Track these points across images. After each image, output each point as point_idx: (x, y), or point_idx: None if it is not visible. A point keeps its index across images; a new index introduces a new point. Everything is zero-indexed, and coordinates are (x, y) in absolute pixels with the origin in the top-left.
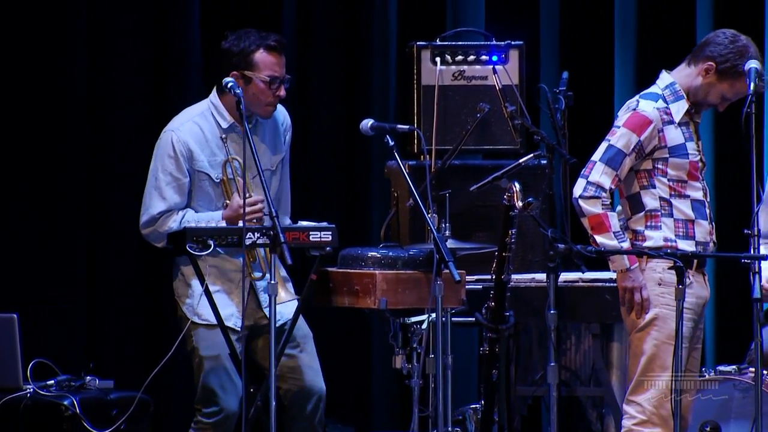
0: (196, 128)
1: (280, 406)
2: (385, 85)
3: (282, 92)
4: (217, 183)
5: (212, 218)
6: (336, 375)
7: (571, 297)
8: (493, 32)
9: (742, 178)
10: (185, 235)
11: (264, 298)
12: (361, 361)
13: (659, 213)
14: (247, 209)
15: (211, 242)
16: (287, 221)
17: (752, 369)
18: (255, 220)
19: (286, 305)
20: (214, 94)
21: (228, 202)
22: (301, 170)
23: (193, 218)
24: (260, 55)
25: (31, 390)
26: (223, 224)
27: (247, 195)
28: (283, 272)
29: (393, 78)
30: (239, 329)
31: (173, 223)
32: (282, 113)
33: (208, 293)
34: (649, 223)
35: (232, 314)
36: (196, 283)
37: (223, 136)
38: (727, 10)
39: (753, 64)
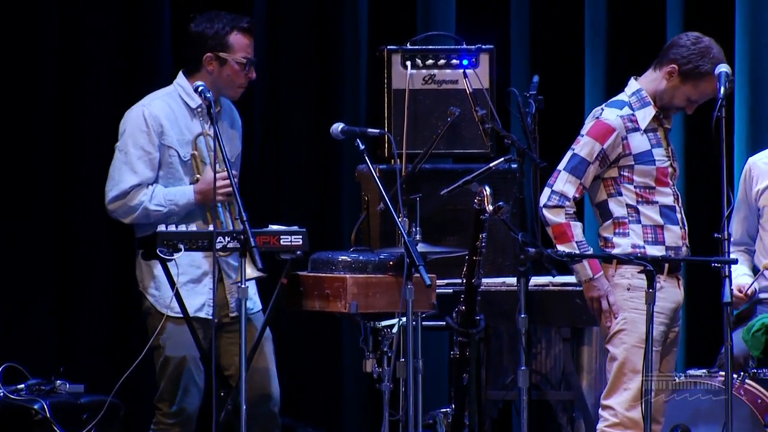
0: (165, 106)
1: (235, 407)
2: (355, 89)
3: (253, 74)
4: (185, 161)
5: (183, 193)
6: (307, 379)
7: (541, 301)
8: (463, 36)
9: (713, 182)
10: (156, 239)
11: (234, 276)
12: (332, 365)
13: (626, 220)
14: (220, 182)
15: (182, 246)
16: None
17: (723, 373)
18: (226, 195)
19: (253, 288)
20: (181, 77)
21: (199, 176)
22: (271, 174)
23: (162, 192)
24: (235, 37)
25: (1, 394)
26: (192, 198)
27: (220, 170)
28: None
29: (363, 82)
30: (211, 318)
31: (144, 197)
32: (238, 116)
33: (178, 296)
34: (617, 231)
35: (203, 304)
36: (161, 274)
37: (198, 110)
38: (697, 15)
39: (723, 68)
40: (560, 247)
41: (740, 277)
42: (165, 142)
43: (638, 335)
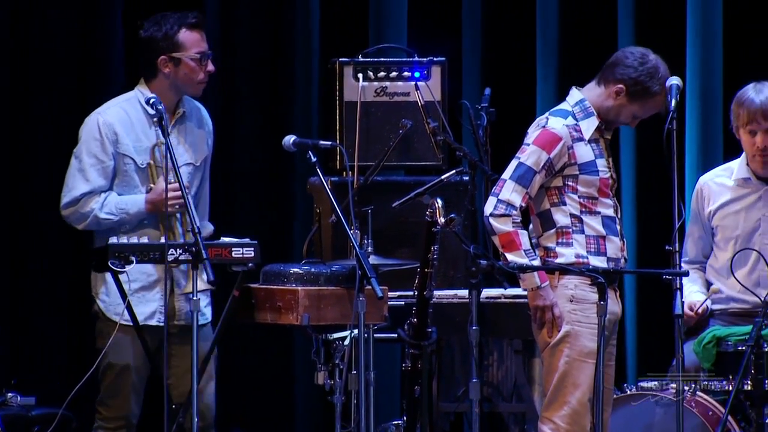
0: (122, 112)
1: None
2: (307, 101)
3: (211, 67)
4: (141, 168)
5: (135, 202)
6: (259, 391)
7: (493, 313)
8: (415, 49)
9: (664, 194)
10: (107, 251)
11: (183, 284)
12: (284, 378)
13: (570, 230)
14: (171, 194)
15: (134, 258)
16: (210, 227)
17: (674, 385)
18: (177, 206)
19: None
20: (141, 83)
21: (153, 186)
22: (223, 186)
23: (114, 201)
24: (184, 35)
25: None
26: (143, 207)
27: (172, 181)
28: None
29: (315, 94)
30: (163, 324)
31: (95, 204)
32: (207, 116)
33: (130, 308)
34: (560, 240)
35: (154, 312)
36: (113, 281)
37: (155, 119)
38: (648, 28)
39: (674, 80)
40: (508, 256)
41: (693, 294)
42: (120, 150)
43: (580, 348)
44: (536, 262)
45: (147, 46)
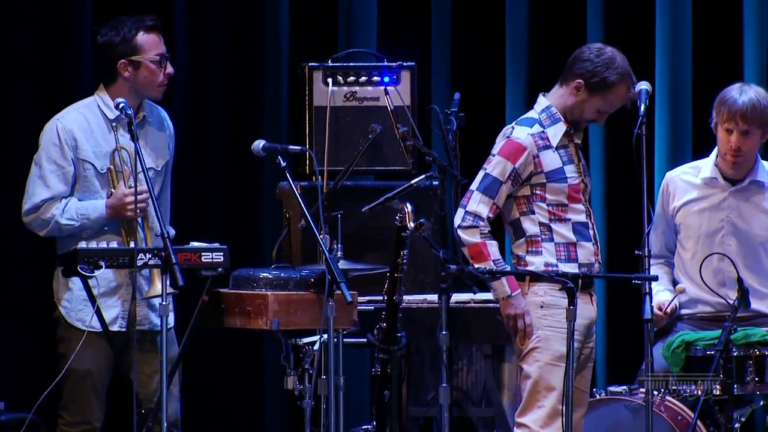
0: (81, 118)
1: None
2: (276, 106)
3: (170, 69)
4: (102, 173)
5: (95, 207)
6: (228, 396)
7: (462, 318)
8: (384, 53)
9: (633, 198)
10: (76, 256)
11: (146, 289)
12: (253, 382)
13: (539, 238)
14: (131, 198)
15: (103, 263)
16: (171, 231)
17: (643, 389)
18: (138, 211)
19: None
20: (100, 88)
21: (113, 191)
22: (192, 190)
23: (75, 206)
24: (142, 37)
25: None
26: (104, 213)
27: (132, 186)
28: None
29: (285, 99)
30: (125, 330)
31: (56, 210)
32: (168, 120)
33: (99, 313)
34: (530, 249)
35: (116, 317)
36: (76, 287)
37: (114, 124)
38: (617, 33)
39: (643, 85)
40: (477, 267)
41: (660, 293)
42: (79, 155)
43: (552, 353)
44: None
45: (105, 50)
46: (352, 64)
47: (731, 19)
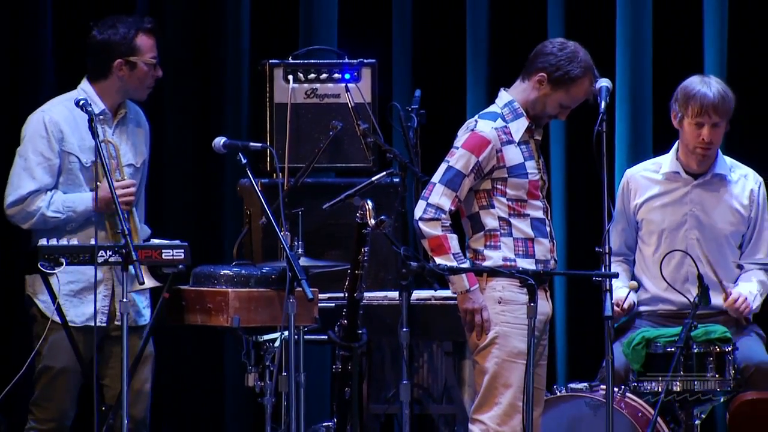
0: (66, 111)
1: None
2: (237, 103)
3: (160, 72)
4: (86, 167)
5: (82, 200)
6: (188, 393)
7: (423, 315)
8: (345, 50)
9: (594, 195)
10: (37, 253)
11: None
12: (214, 380)
13: (498, 233)
14: (119, 191)
15: (63, 260)
16: (146, 230)
17: (604, 386)
18: (126, 204)
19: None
20: (85, 82)
21: (100, 183)
22: (153, 187)
23: (61, 199)
24: (141, 39)
25: None
26: (91, 206)
27: (119, 178)
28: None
29: (245, 96)
30: (105, 325)
31: (42, 203)
32: (144, 119)
33: (60, 310)
34: (488, 243)
35: (97, 312)
36: (56, 282)
37: (101, 117)
38: (578, 29)
39: (604, 82)
40: (437, 260)
41: (618, 290)
42: (65, 148)
43: (509, 349)
44: (465, 266)
45: (103, 48)
46: (312, 61)
47: (691, 16)
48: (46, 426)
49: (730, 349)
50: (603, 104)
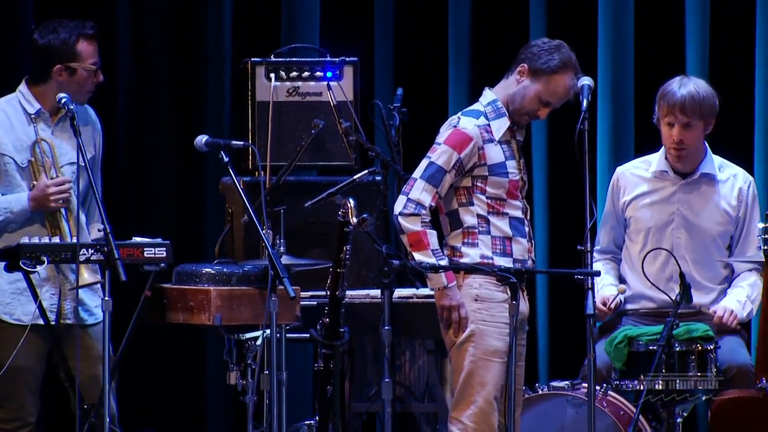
0: (1, 114)
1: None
2: (219, 101)
3: (101, 77)
4: (23, 167)
5: (18, 200)
6: (171, 391)
7: (405, 313)
8: (327, 48)
9: (576, 194)
10: (19, 251)
11: (72, 278)
12: (196, 378)
13: (477, 230)
14: (53, 189)
15: (45, 258)
16: (98, 228)
17: (585, 385)
18: (61, 201)
19: (93, 299)
20: (23, 85)
21: (35, 183)
22: (135, 186)
23: None
24: (82, 45)
25: None
26: (27, 205)
27: (54, 176)
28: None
29: (228, 94)
30: (55, 324)
31: None
32: (94, 116)
33: (41, 308)
34: (466, 240)
35: (46, 310)
36: (4, 281)
37: (33, 117)
38: (560, 28)
39: (585, 80)
40: (416, 255)
41: (605, 288)
42: (0, 150)
43: (485, 347)
44: (444, 262)
45: (43, 52)
46: (294, 59)
47: (673, 14)
48: (11, 426)
49: (712, 347)
50: (585, 103)
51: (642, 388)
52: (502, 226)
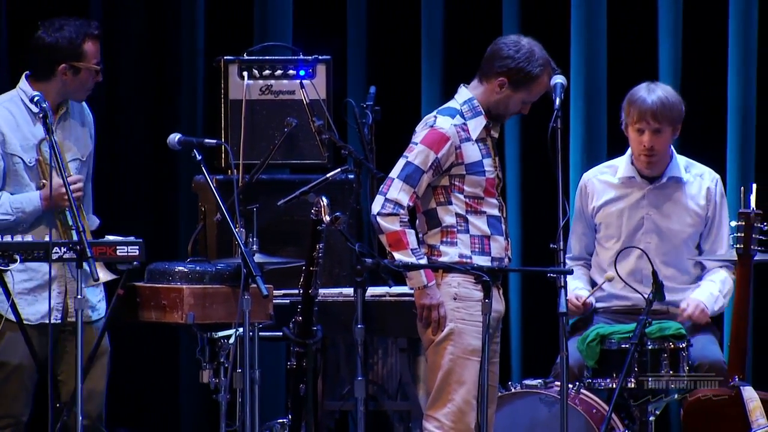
0: (6, 112)
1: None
2: (192, 99)
3: (101, 77)
4: (31, 167)
5: (30, 200)
6: (144, 390)
7: (378, 311)
8: (300, 47)
9: (549, 192)
10: None
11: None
12: (169, 376)
13: (455, 229)
14: (64, 189)
15: (18, 257)
16: (95, 220)
17: (558, 383)
18: (76, 199)
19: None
20: (23, 82)
21: (45, 181)
22: (107, 184)
23: (9, 200)
24: (88, 45)
25: None
26: (39, 205)
27: (66, 174)
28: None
29: (201, 92)
30: (59, 322)
31: None
32: (88, 110)
33: (14, 306)
34: (444, 239)
35: (51, 308)
36: (8, 277)
37: (41, 115)
38: (533, 26)
39: (558, 79)
40: (395, 255)
41: (577, 290)
42: (8, 150)
43: (464, 346)
44: (423, 261)
45: (48, 50)
46: (267, 57)
47: (646, 14)
48: (2, 423)
49: (684, 345)
50: (558, 101)
51: (614, 386)
52: (480, 225)
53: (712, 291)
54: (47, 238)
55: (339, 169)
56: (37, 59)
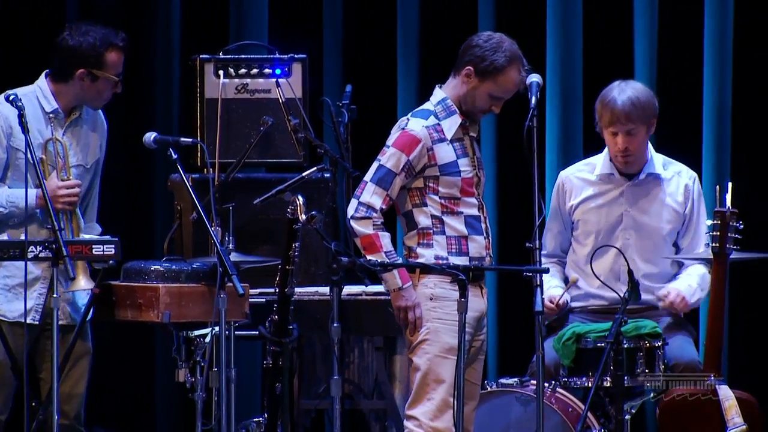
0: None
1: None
2: (168, 98)
3: (120, 89)
4: (32, 164)
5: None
6: (119, 389)
7: (354, 310)
8: (276, 46)
9: (525, 191)
10: None
11: (66, 285)
12: (145, 375)
13: (431, 231)
14: (64, 192)
15: None
16: (97, 228)
17: (534, 381)
18: (68, 204)
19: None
20: (42, 80)
21: (44, 181)
22: None
23: (5, 193)
24: (111, 55)
25: None
26: (34, 202)
27: (65, 178)
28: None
29: (176, 91)
30: (38, 323)
31: None
32: (103, 119)
33: None
34: (421, 241)
35: (30, 308)
36: None
37: (51, 115)
38: (509, 25)
39: (534, 77)
40: (369, 258)
41: (552, 288)
42: (13, 144)
43: (441, 345)
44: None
45: (70, 54)
46: (243, 56)
47: (622, 12)
48: None
49: (660, 344)
50: (534, 99)
51: (590, 384)
52: (457, 226)
53: (691, 283)
54: (28, 236)
55: (315, 168)
56: (58, 60)
